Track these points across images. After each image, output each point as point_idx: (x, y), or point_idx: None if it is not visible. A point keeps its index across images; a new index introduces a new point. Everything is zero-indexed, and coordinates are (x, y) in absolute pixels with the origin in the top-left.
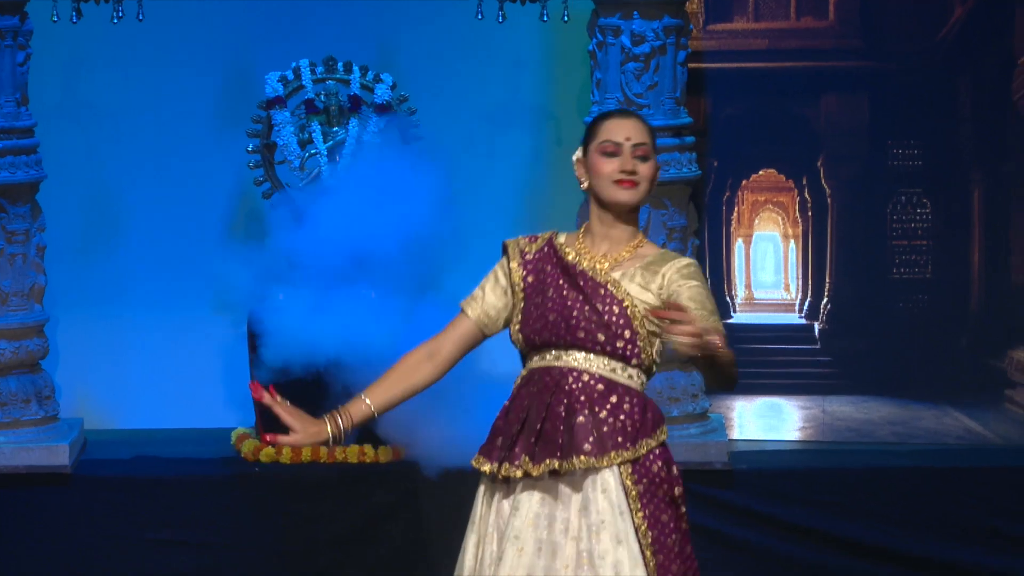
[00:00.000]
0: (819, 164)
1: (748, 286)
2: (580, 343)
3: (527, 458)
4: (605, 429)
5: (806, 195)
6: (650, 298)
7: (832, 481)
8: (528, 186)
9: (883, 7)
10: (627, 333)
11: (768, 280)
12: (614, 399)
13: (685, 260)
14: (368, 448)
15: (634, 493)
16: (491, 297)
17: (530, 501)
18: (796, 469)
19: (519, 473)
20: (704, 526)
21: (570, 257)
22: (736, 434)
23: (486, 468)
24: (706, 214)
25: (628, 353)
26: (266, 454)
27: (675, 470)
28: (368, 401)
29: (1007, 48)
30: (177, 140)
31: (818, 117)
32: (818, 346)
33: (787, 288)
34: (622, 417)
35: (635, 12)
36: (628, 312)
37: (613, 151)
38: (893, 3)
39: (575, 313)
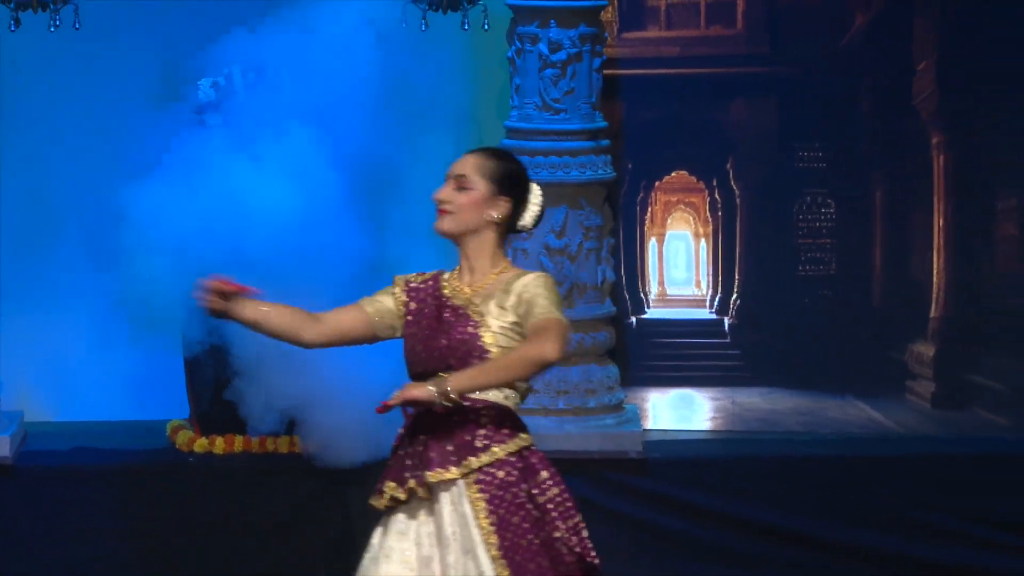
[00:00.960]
0: (728, 166)
1: (661, 283)
2: (445, 367)
3: (392, 484)
4: (455, 443)
5: (716, 196)
6: (509, 317)
7: (742, 469)
8: None
9: (789, 15)
10: (483, 354)
11: (680, 277)
12: (471, 415)
13: (535, 274)
14: (297, 439)
15: (480, 503)
16: (387, 302)
17: (401, 520)
18: (707, 457)
19: (384, 501)
20: (619, 512)
21: (445, 291)
22: (650, 424)
23: (372, 502)
24: (621, 214)
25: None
26: (199, 445)
27: (542, 476)
28: (256, 305)
29: (906, 54)
30: (110, 143)
31: (727, 121)
32: (728, 340)
33: (698, 284)
34: (475, 429)
35: (552, 20)
36: (481, 334)
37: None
38: (798, 11)
39: (440, 340)
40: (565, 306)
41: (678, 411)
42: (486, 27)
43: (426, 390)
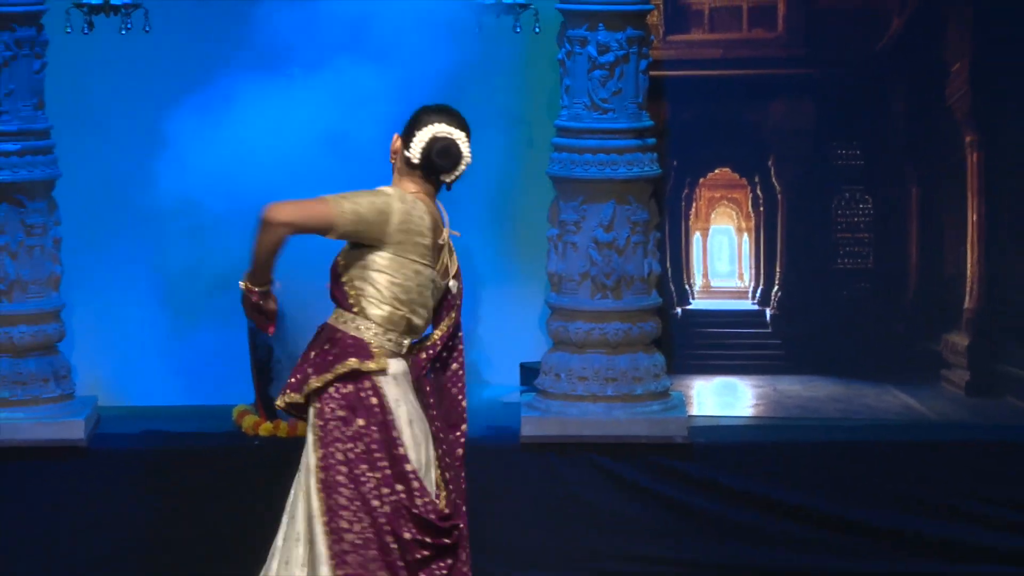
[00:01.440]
0: (769, 163)
1: (705, 275)
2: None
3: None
4: (308, 367)
5: (758, 192)
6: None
7: (782, 454)
8: (501, 183)
9: (827, 19)
10: (333, 279)
11: (723, 270)
12: (322, 340)
13: None
14: None
15: (315, 428)
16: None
17: None
18: (749, 443)
19: (280, 404)
20: (664, 495)
21: None
22: (695, 410)
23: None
24: (667, 209)
25: (336, 296)
26: (264, 429)
27: (358, 423)
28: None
29: (940, 56)
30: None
31: (768, 120)
32: (769, 330)
33: (741, 277)
34: (318, 354)
35: (600, 24)
36: (336, 260)
37: None
38: (836, 15)
39: None
40: (613, 297)
41: (721, 398)
42: (537, 30)
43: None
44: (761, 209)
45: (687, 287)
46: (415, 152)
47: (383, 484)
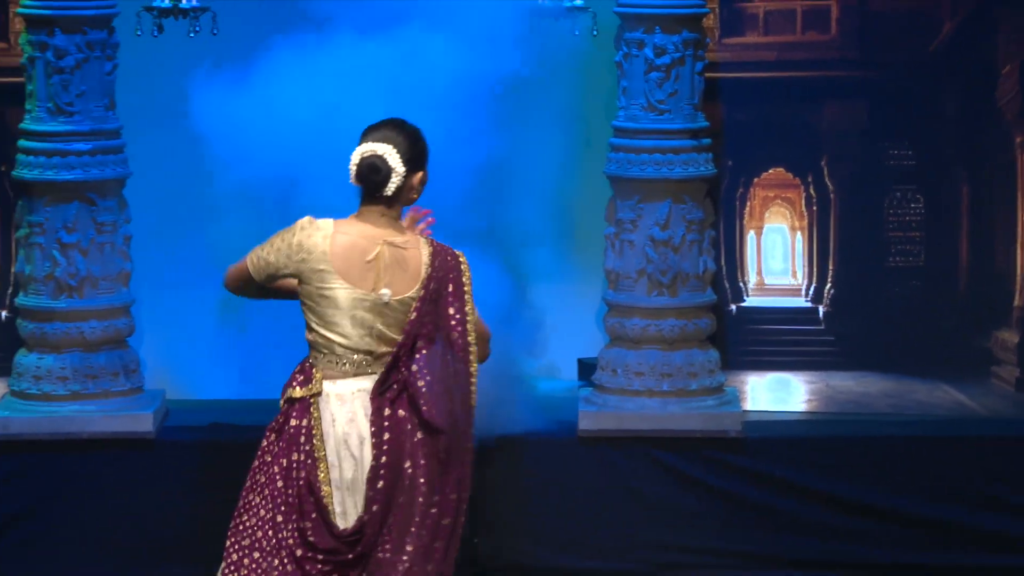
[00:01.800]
0: (822, 163)
1: (759, 273)
2: None
3: None
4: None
5: (811, 191)
6: None
7: (834, 448)
8: (559, 183)
9: (880, 22)
10: None
11: (777, 268)
12: None
13: None
14: None
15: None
16: None
17: None
18: (802, 437)
19: None
20: (719, 488)
21: None
22: (749, 405)
23: None
24: (721, 208)
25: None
26: None
27: (293, 439)
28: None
29: (991, 58)
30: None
31: (821, 121)
32: (822, 327)
33: (794, 275)
34: None
35: (657, 27)
36: None
37: None
38: (889, 18)
39: None
40: (669, 294)
41: (775, 393)
42: (595, 33)
43: None
44: (814, 208)
45: (741, 284)
46: (351, 173)
47: (279, 512)
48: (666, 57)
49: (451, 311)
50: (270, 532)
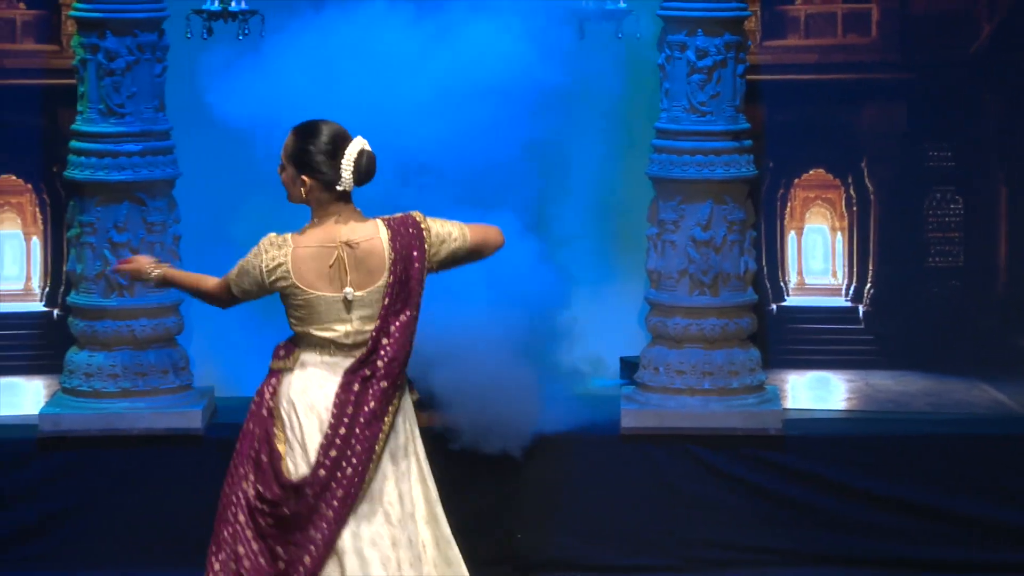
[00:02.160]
0: (863, 165)
1: (800, 272)
2: None
3: None
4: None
5: (851, 192)
6: None
7: (874, 446)
8: (602, 184)
9: (920, 25)
10: None
11: (817, 267)
12: None
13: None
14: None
15: None
16: None
17: None
18: (842, 435)
19: None
20: (760, 485)
21: None
22: (789, 404)
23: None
24: (762, 208)
25: None
26: None
27: (262, 399)
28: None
29: None
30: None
31: (861, 123)
32: (862, 326)
33: (834, 275)
34: None
35: (699, 30)
36: None
37: None
38: (929, 21)
39: None
40: (710, 294)
41: (815, 392)
42: (638, 36)
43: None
44: (854, 209)
45: (782, 284)
46: (352, 176)
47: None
48: (708, 59)
49: (415, 276)
50: (237, 487)
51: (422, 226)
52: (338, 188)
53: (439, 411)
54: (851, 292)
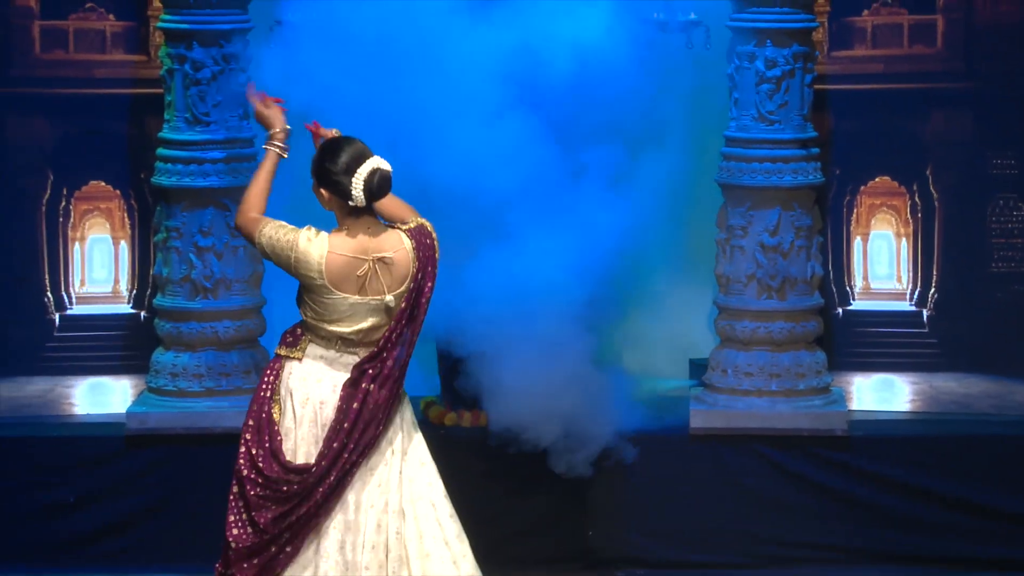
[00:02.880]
0: (927, 172)
1: (865, 277)
2: None
3: None
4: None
5: (916, 199)
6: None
7: (937, 447)
8: (673, 190)
9: (985, 35)
10: None
11: (883, 272)
12: None
13: None
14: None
15: None
16: None
17: None
18: (906, 436)
19: None
20: (826, 485)
21: None
22: (854, 405)
23: None
24: (829, 215)
25: None
26: (449, 419)
27: (265, 383)
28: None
29: None
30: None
31: (926, 131)
32: (926, 330)
33: (899, 279)
34: None
35: (768, 41)
36: None
37: None
38: (994, 31)
39: None
40: (778, 298)
41: (880, 394)
42: (708, 46)
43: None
44: (919, 215)
45: (848, 288)
46: (363, 194)
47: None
48: (777, 70)
49: (428, 285)
50: (236, 460)
51: (434, 235)
52: (350, 204)
53: (508, 412)
54: (915, 296)
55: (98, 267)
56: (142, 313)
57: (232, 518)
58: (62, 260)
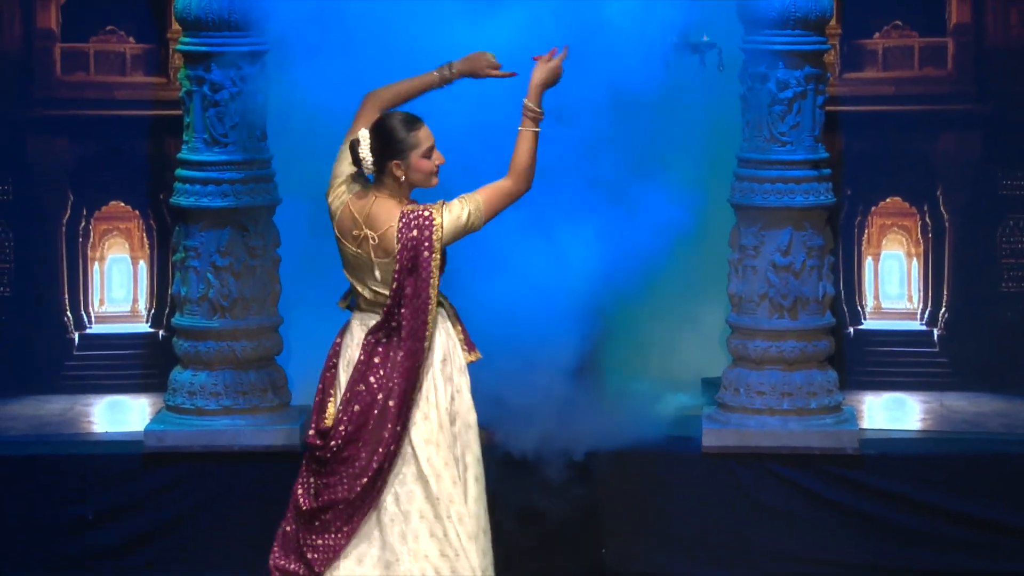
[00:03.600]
0: (938, 193)
1: (876, 297)
2: None
3: None
4: None
5: (927, 219)
6: None
7: (948, 465)
8: (686, 210)
9: (995, 57)
10: None
11: (894, 292)
12: None
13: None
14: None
15: None
16: None
17: None
18: (917, 455)
19: None
20: (838, 503)
21: None
22: (866, 424)
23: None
24: (840, 235)
25: None
26: None
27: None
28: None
29: None
30: None
31: (937, 152)
32: (937, 349)
33: (910, 299)
34: None
35: (780, 62)
36: None
37: (430, 153)
38: (1003, 54)
39: None
40: (790, 317)
41: (891, 412)
42: (721, 68)
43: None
44: (930, 235)
45: (859, 308)
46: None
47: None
48: (789, 91)
49: (425, 255)
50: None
51: (434, 223)
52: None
53: (513, 426)
54: (926, 316)
55: (117, 286)
56: (160, 332)
57: (300, 480)
58: (81, 279)
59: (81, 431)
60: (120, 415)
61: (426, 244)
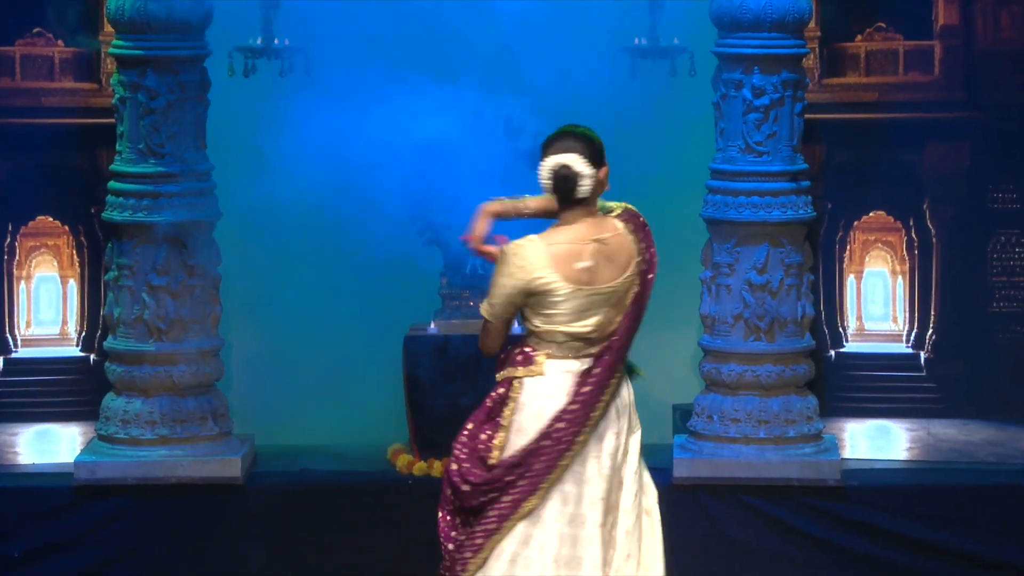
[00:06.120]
0: (924, 207)
1: (859, 318)
2: None
3: None
4: None
5: (913, 235)
6: None
7: (936, 497)
8: (654, 226)
9: (985, 63)
10: None
11: (878, 312)
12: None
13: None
14: None
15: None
16: None
17: None
18: (903, 486)
19: None
20: (818, 537)
21: None
22: (848, 453)
23: None
24: (820, 252)
25: None
26: (418, 468)
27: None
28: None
29: None
30: (336, 182)
31: (923, 163)
32: (923, 373)
33: (895, 320)
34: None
35: (756, 68)
36: None
37: None
38: (994, 59)
39: None
40: (767, 339)
41: (875, 441)
42: (692, 74)
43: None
44: (915, 252)
45: (840, 330)
46: (546, 187)
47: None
48: (765, 98)
49: (649, 276)
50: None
51: (642, 219)
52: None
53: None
54: (912, 338)
55: (45, 307)
56: (92, 356)
57: (440, 514)
58: (7, 300)
59: (6, 463)
60: (49, 445)
61: (649, 241)
